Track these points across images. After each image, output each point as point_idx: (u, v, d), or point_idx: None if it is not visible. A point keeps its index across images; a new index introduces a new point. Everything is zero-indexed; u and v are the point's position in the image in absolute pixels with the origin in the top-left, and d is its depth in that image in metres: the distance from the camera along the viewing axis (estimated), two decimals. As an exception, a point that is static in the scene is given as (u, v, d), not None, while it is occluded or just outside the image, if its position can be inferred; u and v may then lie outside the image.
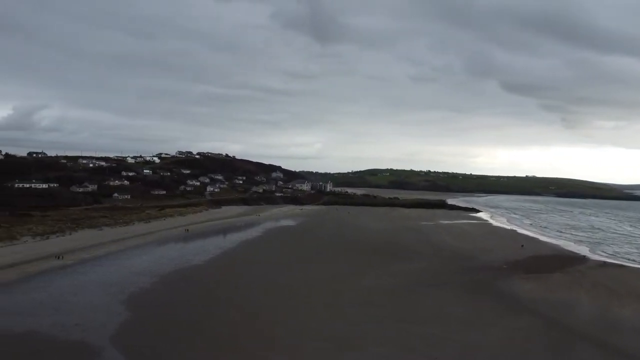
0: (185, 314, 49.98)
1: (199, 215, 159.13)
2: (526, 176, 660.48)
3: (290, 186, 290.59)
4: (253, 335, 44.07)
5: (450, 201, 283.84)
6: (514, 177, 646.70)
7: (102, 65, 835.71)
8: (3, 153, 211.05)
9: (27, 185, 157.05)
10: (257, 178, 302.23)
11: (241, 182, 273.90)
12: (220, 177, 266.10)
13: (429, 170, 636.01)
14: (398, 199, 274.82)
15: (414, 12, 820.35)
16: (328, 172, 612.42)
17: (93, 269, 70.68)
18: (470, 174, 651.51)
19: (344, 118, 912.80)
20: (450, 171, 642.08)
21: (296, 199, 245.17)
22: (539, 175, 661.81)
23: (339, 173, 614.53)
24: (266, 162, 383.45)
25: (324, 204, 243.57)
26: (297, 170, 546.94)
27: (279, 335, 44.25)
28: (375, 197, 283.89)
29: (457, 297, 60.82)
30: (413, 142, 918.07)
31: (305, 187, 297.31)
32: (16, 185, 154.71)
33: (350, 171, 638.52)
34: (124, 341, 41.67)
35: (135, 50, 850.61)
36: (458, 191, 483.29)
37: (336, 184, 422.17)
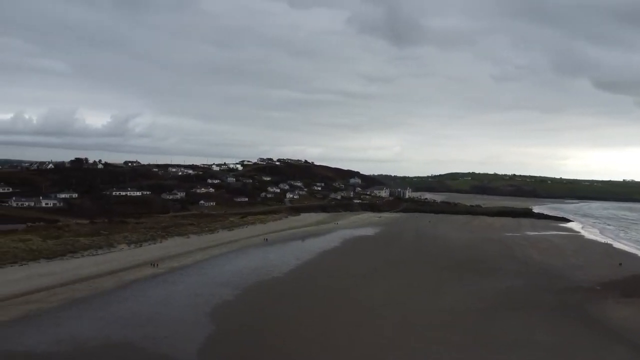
0: (266, 329, 51.49)
1: (278, 222, 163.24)
2: (623, 180, 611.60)
3: (368, 192, 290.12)
4: (330, 357, 44.56)
5: (537, 209, 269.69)
6: (610, 181, 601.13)
7: (188, 74, 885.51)
8: (103, 162, 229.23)
9: (124, 193, 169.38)
10: (335, 184, 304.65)
11: (320, 188, 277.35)
12: (299, 184, 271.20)
13: (514, 174, 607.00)
14: (480, 206, 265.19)
15: (494, 10, 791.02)
16: (407, 175, 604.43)
17: (181, 279, 74.75)
18: (560, 178, 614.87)
19: (423, 120, 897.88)
20: (537, 175, 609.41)
21: (374, 206, 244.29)
22: (638, 179, 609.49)
23: (417, 177, 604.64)
24: (344, 165, 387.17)
25: (403, 211, 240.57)
26: (375, 174, 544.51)
27: (355, 357, 44.41)
28: (456, 204, 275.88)
29: (544, 321, 57.55)
30: (496, 144, 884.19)
31: (384, 193, 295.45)
32: (114, 193, 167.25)
33: (429, 175, 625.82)
34: (210, 357, 43.74)
35: (218, 59, 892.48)
36: (546, 197, 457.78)
37: (415, 189, 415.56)
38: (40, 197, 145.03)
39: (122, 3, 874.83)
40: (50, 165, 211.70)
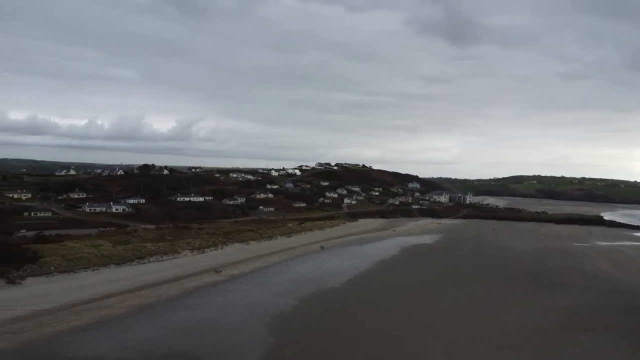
0: (323, 343, 51.70)
1: (336, 229, 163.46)
2: None
3: (427, 198, 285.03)
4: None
5: (608, 216, 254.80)
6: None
7: (249, 79, 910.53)
8: (168, 168, 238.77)
9: (187, 199, 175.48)
10: (394, 189, 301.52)
11: (377, 193, 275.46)
12: (357, 189, 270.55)
13: (584, 177, 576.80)
14: (546, 213, 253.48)
15: (559, 6, 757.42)
16: (467, 178, 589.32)
17: (241, 287, 76.47)
18: (635, 181, 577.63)
19: (485, 121, 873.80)
20: (609, 178, 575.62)
21: (433, 212, 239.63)
22: None
23: (479, 180, 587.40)
24: (402, 168, 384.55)
25: (463, 217, 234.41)
26: (434, 177, 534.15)
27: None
28: (520, 210, 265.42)
29: (617, 344, 54.25)
30: (564, 145, 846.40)
31: (443, 198, 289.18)
32: (178, 198, 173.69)
33: (492, 178, 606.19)
34: (266, 370, 44.52)
35: (279, 63, 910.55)
36: (619, 202, 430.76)
37: (476, 192, 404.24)
38: (111, 203, 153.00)
39: (186, 13, 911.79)
40: (120, 171, 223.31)
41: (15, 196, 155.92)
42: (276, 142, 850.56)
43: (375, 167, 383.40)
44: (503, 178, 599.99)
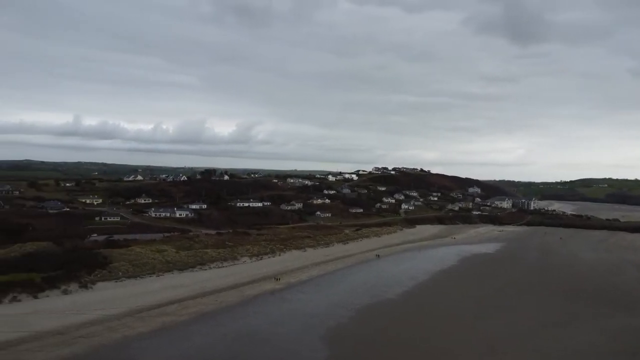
0: (380, 358, 51.27)
1: (393, 236, 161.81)
2: None
3: (488, 203, 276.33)
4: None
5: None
6: None
7: (307, 83, 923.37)
8: (229, 173, 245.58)
9: (246, 204, 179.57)
10: (453, 194, 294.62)
11: (436, 198, 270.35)
12: (414, 194, 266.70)
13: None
14: (618, 220, 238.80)
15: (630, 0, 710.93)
16: (532, 181, 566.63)
17: (298, 296, 77.26)
18: None
19: (551, 121, 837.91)
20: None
21: (495, 218, 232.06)
22: None
23: (544, 183, 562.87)
24: (463, 171, 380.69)
25: (527, 224, 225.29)
26: (497, 180, 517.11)
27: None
28: (589, 217, 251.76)
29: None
30: (638, 145, 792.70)
31: (506, 204, 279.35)
32: (238, 204, 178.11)
33: (558, 181, 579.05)
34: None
35: (336, 67, 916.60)
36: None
37: (541, 197, 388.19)
38: (175, 208, 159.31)
39: (245, 20, 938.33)
40: (183, 177, 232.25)
41: (88, 201, 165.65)
42: (334, 145, 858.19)
43: (434, 170, 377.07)
44: (570, 181, 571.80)
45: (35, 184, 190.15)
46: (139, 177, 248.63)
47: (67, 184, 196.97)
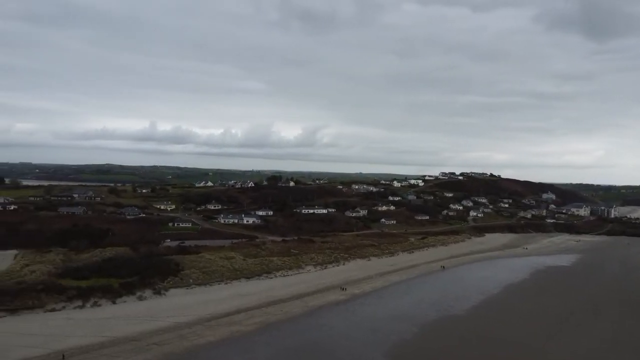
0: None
1: (460, 245, 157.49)
2: None
3: (564, 211, 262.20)
4: None
5: None
6: None
7: (372, 85, 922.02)
8: (294, 179, 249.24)
9: (311, 211, 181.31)
10: (525, 201, 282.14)
11: (507, 205, 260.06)
12: (483, 200, 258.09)
13: None
14: None
15: None
16: (612, 184, 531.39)
17: (362, 309, 76.98)
18: None
19: (633, 120, 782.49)
20: None
21: (571, 227, 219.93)
22: None
23: (627, 187, 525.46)
24: (535, 174, 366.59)
25: (607, 233, 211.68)
26: (573, 183, 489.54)
27: None
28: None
29: None
30: None
31: (583, 211, 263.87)
32: (303, 211, 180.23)
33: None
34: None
35: (401, 68, 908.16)
36: None
37: (623, 202, 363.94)
38: (243, 215, 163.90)
39: (309, 26, 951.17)
40: (251, 183, 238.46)
41: (162, 207, 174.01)
42: (399, 147, 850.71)
43: (504, 174, 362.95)
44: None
45: (115, 190, 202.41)
46: (209, 183, 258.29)
47: (144, 190, 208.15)
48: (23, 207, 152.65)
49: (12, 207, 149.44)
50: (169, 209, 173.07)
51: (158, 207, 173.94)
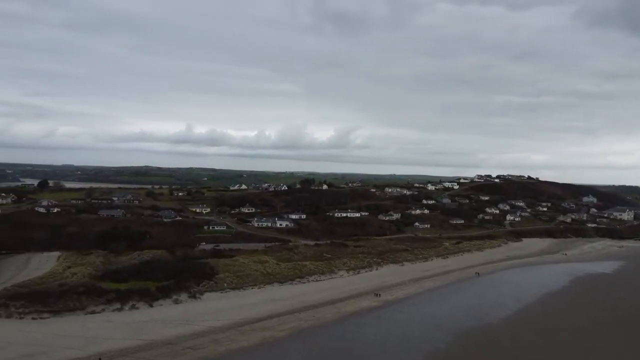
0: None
1: (496, 250, 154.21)
2: None
3: (605, 215, 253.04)
4: None
5: None
6: None
7: (405, 86, 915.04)
8: (327, 182, 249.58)
9: (344, 215, 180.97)
10: (565, 204, 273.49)
11: (545, 209, 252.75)
12: (521, 204, 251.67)
13: None
14: None
15: None
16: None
17: (394, 316, 76.42)
18: None
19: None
20: None
21: (613, 232, 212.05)
22: None
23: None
24: (575, 175, 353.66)
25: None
26: (616, 185, 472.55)
27: None
28: None
29: None
30: None
31: (626, 216, 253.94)
32: (336, 214, 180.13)
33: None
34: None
35: (434, 69, 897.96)
36: None
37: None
38: (276, 218, 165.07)
39: (343, 28, 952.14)
40: (284, 186, 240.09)
41: (197, 210, 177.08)
42: (433, 148, 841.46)
43: (543, 176, 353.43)
44: None
45: (152, 193, 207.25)
46: (243, 186, 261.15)
47: (180, 194, 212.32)
48: (65, 209, 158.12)
49: (55, 210, 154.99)
50: (204, 212, 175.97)
51: (193, 210, 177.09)
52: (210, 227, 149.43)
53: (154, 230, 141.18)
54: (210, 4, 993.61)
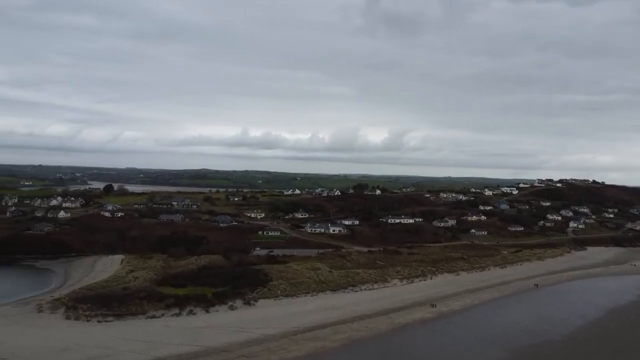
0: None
1: (558, 260, 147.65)
2: None
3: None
4: None
5: None
6: None
7: (460, 87, 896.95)
8: (380, 187, 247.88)
9: (398, 221, 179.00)
10: (634, 211, 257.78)
11: (612, 215, 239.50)
12: (585, 210, 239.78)
13: None
14: None
15: None
16: None
17: (449, 328, 74.71)
18: None
19: None
20: None
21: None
22: None
23: None
24: None
25: None
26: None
27: None
28: None
29: None
30: None
31: None
32: (389, 220, 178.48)
33: None
34: None
35: (491, 68, 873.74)
36: None
37: None
38: (329, 224, 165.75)
39: (395, 30, 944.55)
40: (337, 192, 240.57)
41: (252, 215, 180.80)
42: (490, 150, 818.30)
43: (609, 179, 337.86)
44: None
45: (210, 198, 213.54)
46: (297, 191, 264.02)
47: (235, 199, 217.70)
48: (129, 214, 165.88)
49: (119, 215, 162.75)
50: (258, 217, 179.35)
51: (248, 215, 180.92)
52: (265, 233, 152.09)
53: (210, 235, 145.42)
54: (265, 12, 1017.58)
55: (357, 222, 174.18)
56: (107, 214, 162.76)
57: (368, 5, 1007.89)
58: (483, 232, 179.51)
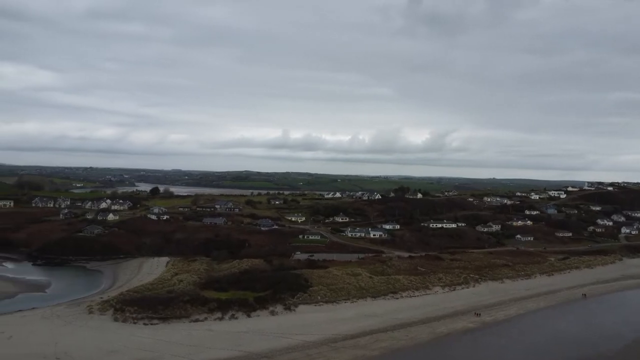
0: None
1: (609, 267, 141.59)
2: None
3: None
4: None
5: None
6: None
7: (504, 86, 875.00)
8: (422, 191, 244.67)
9: (439, 225, 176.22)
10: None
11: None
12: (639, 215, 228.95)
13: None
14: None
15: None
16: None
17: (492, 340, 72.99)
18: None
19: None
20: None
21: None
22: None
23: None
24: None
25: None
26: None
27: None
28: None
29: None
30: None
31: None
32: (431, 225, 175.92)
33: None
34: None
35: (537, 67, 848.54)
36: None
37: None
38: (369, 229, 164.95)
39: (436, 30, 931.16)
40: (377, 195, 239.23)
41: (293, 219, 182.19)
42: (537, 151, 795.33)
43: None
44: None
45: (251, 201, 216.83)
46: (337, 194, 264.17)
47: (276, 202, 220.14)
48: (174, 217, 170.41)
49: (165, 217, 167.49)
50: (299, 220, 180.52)
51: (289, 218, 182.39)
52: (305, 237, 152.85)
53: (252, 238, 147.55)
54: (305, 14, 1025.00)
55: (397, 227, 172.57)
56: (153, 217, 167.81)
57: (409, 5, 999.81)
58: (529, 238, 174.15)
